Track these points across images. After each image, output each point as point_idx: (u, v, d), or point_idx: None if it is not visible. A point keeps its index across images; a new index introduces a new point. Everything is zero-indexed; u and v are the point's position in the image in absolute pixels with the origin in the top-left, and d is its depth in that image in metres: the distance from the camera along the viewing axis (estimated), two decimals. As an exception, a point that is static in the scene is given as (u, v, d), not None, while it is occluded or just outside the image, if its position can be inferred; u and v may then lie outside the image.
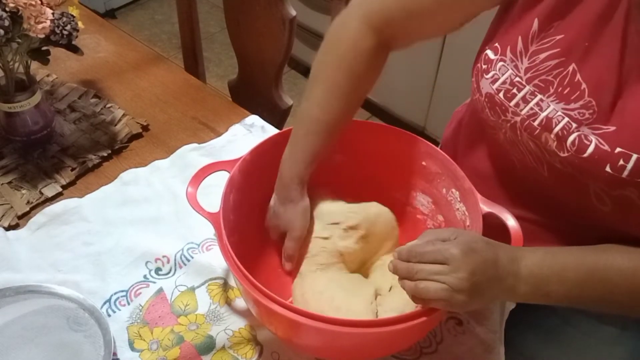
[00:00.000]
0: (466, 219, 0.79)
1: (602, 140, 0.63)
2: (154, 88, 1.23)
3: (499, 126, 0.73)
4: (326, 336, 0.68)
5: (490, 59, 0.71)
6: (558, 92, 0.65)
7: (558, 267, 0.66)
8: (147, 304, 0.85)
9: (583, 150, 0.64)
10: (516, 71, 0.68)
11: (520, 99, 0.68)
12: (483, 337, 0.82)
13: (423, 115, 2.19)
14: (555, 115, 0.65)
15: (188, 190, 0.78)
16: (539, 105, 0.66)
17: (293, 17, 1.23)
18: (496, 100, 0.70)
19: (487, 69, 0.71)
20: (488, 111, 0.73)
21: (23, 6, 0.87)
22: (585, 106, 0.64)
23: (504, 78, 0.69)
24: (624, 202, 0.64)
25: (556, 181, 0.70)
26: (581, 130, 0.64)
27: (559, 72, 0.65)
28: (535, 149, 0.69)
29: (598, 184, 0.65)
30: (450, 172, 0.81)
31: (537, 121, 0.67)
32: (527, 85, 0.67)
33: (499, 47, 0.70)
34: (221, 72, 2.65)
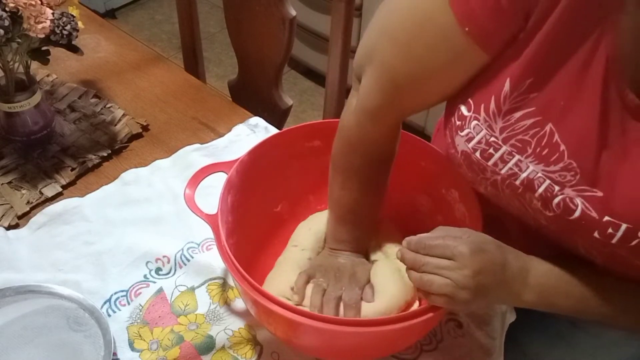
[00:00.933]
0: (466, 220, 0.79)
1: (589, 206, 0.60)
2: (154, 88, 1.23)
3: (479, 182, 0.70)
4: (325, 336, 0.68)
5: (464, 115, 0.66)
6: (536, 152, 0.62)
7: (565, 281, 0.67)
8: (147, 303, 0.85)
9: (570, 213, 0.61)
10: (491, 131, 0.64)
11: (498, 159, 0.64)
12: (482, 342, 0.82)
13: (423, 116, 2.19)
14: (536, 176, 0.62)
15: (186, 192, 0.77)
16: (518, 166, 0.63)
17: (293, 17, 1.23)
18: (473, 159, 0.67)
19: (462, 126, 0.67)
20: (465, 168, 0.70)
21: (23, 6, 0.87)
22: (566, 168, 0.61)
23: (479, 138, 0.65)
24: (614, 258, 0.63)
25: (542, 232, 0.68)
26: (565, 192, 0.61)
27: (536, 132, 0.61)
28: (519, 206, 0.67)
29: (587, 243, 0.63)
30: (449, 172, 0.81)
31: (518, 181, 0.64)
32: (504, 145, 0.64)
33: (472, 104, 0.65)
34: (221, 72, 2.65)
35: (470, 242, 0.63)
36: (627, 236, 0.59)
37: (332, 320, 0.65)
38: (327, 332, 0.65)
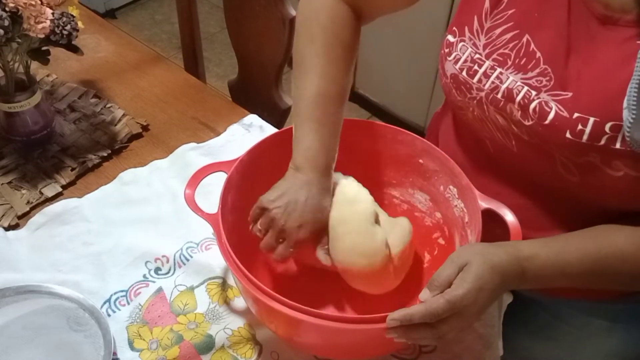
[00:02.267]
0: (464, 216, 0.79)
1: (561, 107, 0.66)
2: (154, 88, 1.23)
3: (467, 105, 0.75)
4: (326, 333, 0.69)
5: (450, 42, 0.75)
6: (515, 63, 0.69)
7: (561, 266, 0.67)
8: (146, 303, 0.85)
9: (544, 117, 0.67)
10: (475, 49, 0.72)
11: (482, 74, 0.71)
12: (481, 332, 0.82)
13: (423, 115, 2.19)
14: (515, 85, 0.69)
15: (186, 192, 0.78)
16: (499, 78, 0.70)
17: (293, 17, 1.23)
18: (460, 79, 0.73)
19: (449, 52, 0.75)
20: (455, 92, 0.76)
21: (23, 6, 0.87)
22: (542, 73, 0.67)
23: (464, 57, 0.73)
24: (589, 169, 0.66)
25: (525, 155, 0.72)
26: (541, 97, 0.67)
27: (515, 45, 0.69)
28: (503, 123, 0.72)
29: (562, 152, 0.67)
30: (447, 169, 0.82)
31: (499, 93, 0.70)
32: (487, 60, 0.71)
33: (457, 29, 0.74)
34: (221, 72, 2.65)
35: (469, 289, 0.62)
36: (595, 131, 0.64)
37: (333, 318, 0.65)
38: (328, 329, 0.66)
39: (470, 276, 0.63)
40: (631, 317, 0.85)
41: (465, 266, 0.64)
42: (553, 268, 0.67)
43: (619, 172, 0.64)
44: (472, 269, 0.63)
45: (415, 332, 0.63)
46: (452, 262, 0.65)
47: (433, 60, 2.02)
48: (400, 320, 0.62)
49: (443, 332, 0.63)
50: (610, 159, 0.64)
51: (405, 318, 0.62)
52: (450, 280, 0.63)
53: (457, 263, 0.64)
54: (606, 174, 0.65)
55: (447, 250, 0.84)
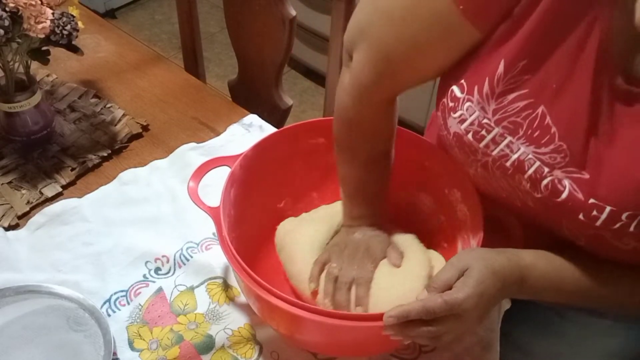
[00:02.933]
0: (467, 220, 0.79)
1: (576, 187, 0.61)
2: (154, 88, 1.23)
3: (469, 164, 0.71)
4: (328, 330, 0.69)
5: (457, 97, 0.67)
6: (528, 134, 0.63)
7: (556, 282, 0.68)
8: (146, 303, 0.85)
9: (557, 195, 0.63)
10: (484, 113, 0.65)
11: (490, 140, 0.65)
12: (482, 335, 0.82)
13: (423, 115, 2.19)
14: (526, 157, 0.63)
15: (189, 184, 0.78)
16: (510, 147, 0.64)
17: (293, 17, 1.23)
18: (465, 141, 0.68)
19: (454, 107, 0.67)
20: (457, 150, 0.71)
21: (23, 6, 0.87)
22: (557, 150, 0.62)
23: (471, 119, 0.66)
24: (597, 240, 0.64)
25: (530, 214, 0.69)
26: (554, 174, 0.62)
27: (528, 114, 0.62)
28: (508, 187, 0.68)
29: (572, 225, 0.64)
30: (452, 172, 0.81)
31: (509, 162, 0.65)
32: (496, 127, 0.64)
33: (466, 85, 0.66)
34: (221, 72, 2.65)
35: (469, 294, 0.62)
36: (610, 218, 0.60)
37: (334, 315, 0.65)
38: (330, 326, 0.66)
39: (471, 281, 0.62)
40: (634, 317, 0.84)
41: (466, 271, 0.63)
42: (549, 282, 0.67)
43: (628, 245, 0.62)
44: (473, 274, 0.63)
45: (411, 329, 0.62)
46: (452, 265, 0.65)
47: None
48: (397, 317, 0.61)
49: (440, 332, 0.62)
50: (621, 237, 0.62)
51: (401, 314, 0.61)
52: (449, 283, 0.63)
53: (458, 267, 0.64)
54: (614, 246, 0.63)
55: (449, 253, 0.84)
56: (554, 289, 0.68)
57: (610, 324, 0.85)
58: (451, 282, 0.63)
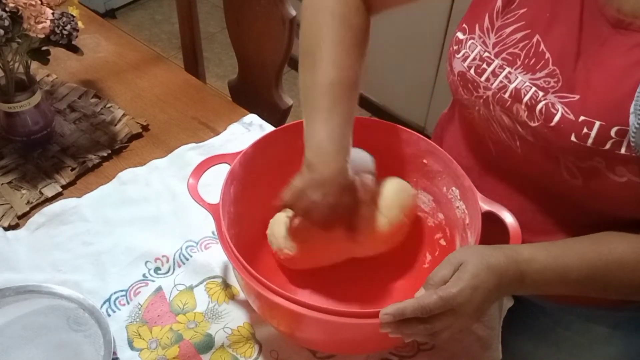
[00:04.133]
0: (466, 217, 0.79)
1: (568, 109, 0.65)
2: (154, 88, 1.23)
3: (473, 104, 0.75)
4: (327, 327, 0.69)
5: (460, 39, 0.74)
6: (525, 63, 0.69)
7: (560, 271, 0.67)
8: (145, 302, 0.85)
9: (550, 119, 0.66)
10: (485, 47, 0.71)
11: (490, 73, 0.71)
12: (480, 334, 0.82)
13: (423, 115, 2.19)
14: (523, 85, 0.68)
15: (189, 181, 0.78)
16: (508, 78, 0.69)
17: (293, 17, 1.23)
18: (468, 77, 0.73)
19: (458, 49, 0.74)
20: (461, 90, 0.75)
21: (23, 6, 0.87)
22: (550, 74, 0.67)
23: (473, 55, 0.72)
24: (592, 174, 0.66)
25: (529, 157, 0.72)
26: (548, 98, 0.67)
27: (525, 45, 0.68)
28: (508, 123, 0.71)
29: (567, 156, 0.67)
30: (450, 170, 0.82)
31: (507, 93, 0.69)
32: (496, 59, 0.70)
33: (467, 27, 0.74)
34: (221, 72, 2.65)
35: (463, 287, 0.62)
36: (601, 135, 0.63)
37: (334, 312, 0.65)
38: (329, 323, 0.66)
39: (465, 275, 0.63)
40: (632, 325, 0.84)
41: (461, 265, 0.64)
42: (552, 273, 0.67)
43: (622, 177, 0.64)
44: (467, 268, 0.63)
45: (408, 327, 0.62)
46: (449, 262, 0.65)
47: (433, 60, 2.02)
48: (392, 315, 0.62)
49: (436, 329, 0.63)
50: (614, 164, 0.64)
51: (397, 312, 0.61)
52: (445, 280, 0.63)
53: (454, 263, 0.64)
54: (610, 180, 0.65)
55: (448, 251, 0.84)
56: (558, 279, 0.67)
57: (608, 331, 0.85)
58: (447, 278, 0.63)
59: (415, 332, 0.63)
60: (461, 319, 0.63)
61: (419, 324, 0.62)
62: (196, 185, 0.78)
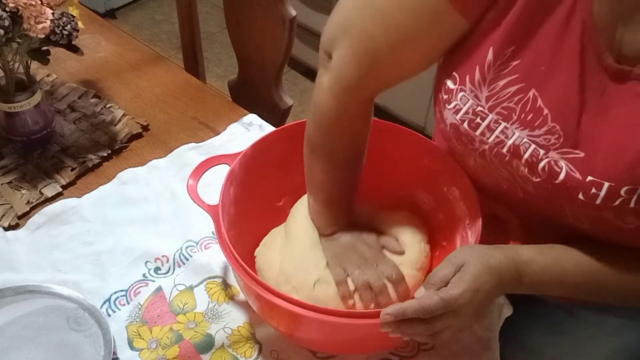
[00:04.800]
0: (466, 218, 0.79)
1: (573, 167, 0.62)
2: (154, 88, 1.23)
3: (468, 154, 0.72)
4: (327, 328, 0.69)
5: (450, 88, 0.68)
6: (521, 118, 0.64)
7: (558, 274, 0.67)
8: (145, 302, 0.85)
9: (555, 177, 0.63)
10: (477, 100, 0.66)
11: (485, 127, 0.66)
12: (480, 335, 0.82)
13: (423, 115, 2.19)
14: (521, 142, 0.65)
15: (189, 182, 0.78)
16: (504, 133, 0.65)
17: (293, 17, 1.23)
18: (461, 130, 0.69)
19: (449, 99, 0.69)
20: (455, 141, 0.71)
21: (23, 6, 0.87)
22: (550, 132, 0.63)
23: (466, 108, 0.67)
24: (601, 221, 0.64)
25: (531, 203, 0.70)
26: (550, 156, 0.63)
27: (520, 99, 0.64)
28: (507, 175, 0.69)
29: (573, 208, 0.65)
30: (451, 170, 0.82)
31: (504, 148, 0.66)
32: (490, 113, 0.66)
33: (457, 76, 0.67)
34: (221, 72, 2.65)
35: (464, 289, 0.62)
36: (610, 195, 0.60)
37: (333, 313, 0.65)
38: (329, 324, 0.66)
39: (467, 276, 0.62)
40: None
41: (462, 266, 0.64)
42: (550, 275, 0.67)
43: (630, 225, 0.63)
44: (469, 269, 0.63)
45: (409, 327, 0.62)
46: (449, 262, 0.65)
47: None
48: (393, 315, 0.62)
49: (437, 329, 0.63)
50: (623, 215, 0.62)
51: (398, 312, 0.61)
52: (446, 280, 0.63)
53: (454, 263, 0.64)
54: (618, 227, 0.63)
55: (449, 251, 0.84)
56: (556, 282, 0.67)
57: (622, 322, 0.85)
58: (448, 279, 0.63)
59: (415, 332, 0.63)
60: (461, 319, 0.63)
61: (419, 324, 0.62)
62: (196, 187, 0.78)
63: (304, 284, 0.77)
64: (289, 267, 0.78)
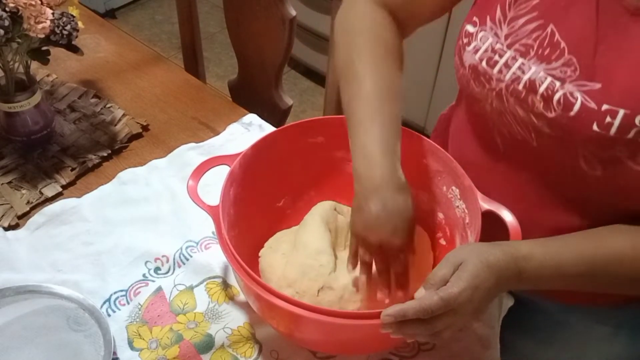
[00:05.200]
0: (465, 217, 0.79)
1: (588, 98, 0.64)
2: (154, 88, 1.23)
3: (485, 97, 0.73)
4: (327, 329, 0.69)
5: (470, 32, 0.73)
6: (538, 53, 0.67)
7: (557, 266, 0.67)
8: (145, 302, 0.85)
9: (570, 108, 0.65)
10: (497, 38, 0.70)
11: (503, 64, 0.69)
12: (480, 333, 0.82)
13: (423, 115, 2.19)
14: (538, 76, 0.67)
15: (189, 183, 0.78)
16: (521, 69, 0.68)
17: (293, 17, 1.23)
18: (479, 69, 0.72)
19: (469, 42, 0.73)
20: (473, 82, 0.74)
21: (23, 6, 0.87)
22: (567, 64, 0.65)
23: (485, 47, 0.71)
24: (612, 163, 0.65)
25: (545, 150, 0.70)
26: (566, 88, 0.65)
27: (538, 35, 0.67)
28: (523, 115, 0.70)
29: (587, 146, 0.65)
30: (450, 169, 0.82)
31: (521, 85, 0.68)
32: (508, 50, 0.69)
33: (478, 19, 0.73)
34: (221, 72, 2.65)
35: (465, 287, 0.62)
36: (624, 124, 0.62)
37: (334, 313, 0.65)
38: (329, 324, 0.66)
39: (465, 274, 0.63)
40: (636, 324, 0.84)
41: (460, 265, 0.64)
42: (550, 268, 0.67)
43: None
44: (468, 268, 0.63)
45: (409, 327, 0.62)
46: (448, 261, 0.65)
47: (433, 60, 2.02)
48: (394, 316, 0.62)
49: (437, 329, 0.63)
50: (636, 153, 0.63)
51: (399, 314, 0.61)
52: (445, 279, 0.63)
53: (453, 262, 0.64)
54: (629, 169, 0.64)
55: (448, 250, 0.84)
56: (555, 275, 0.67)
57: (612, 331, 0.85)
58: (447, 278, 0.63)
59: (416, 332, 0.63)
60: (461, 318, 0.63)
61: (420, 324, 0.62)
62: (196, 188, 0.78)
63: (307, 290, 0.77)
64: (292, 272, 0.78)
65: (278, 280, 0.79)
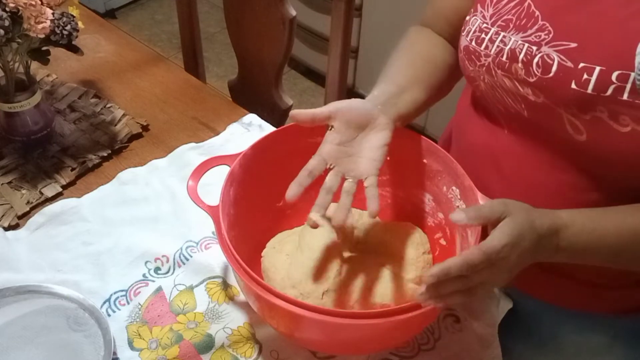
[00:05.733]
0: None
1: (565, 57, 0.67)
2: (154, 88, 1.23)
3: (478, 74, 0.78)
4: (327, 329, 0.69)
5: (467, 20, 0.80)
6: (516, 25, 0.72)
7: (597, 235, 0.67)
8: (146, 302, 0.85)
9: (548, 70, 0.68)
10: (483, 19, 0.76)
11: (488, 40, 0.75)
12: (480, 332, 0.82)
13: (423, 115, 2.19)
14: (517, 45, 0.72)
15: (189, 183, 0.78)
16: (503, 42, 0.73)
17: (293, 17, 1.23)
18: (470, 49, 0.78)
19: (464, 28, 0.80)
20: (467, 63, 0.79)
21: (23, 6, 0.87)
22: (540, 29, 0.70)
23: (474, 28, 0.77)
24: (596, 125, 0.66)
25: (535, 118, 0.73)
26: (542, 50, 0.69)
27: (517, 10, 0.73)
28: (510, 85, 0.74)
29: (569, 108, 0.67)
30: (451, 169, 0.82)
31: (504, 56, 0.73)
32: (492, 27, 0.75)
33: (473, 8, 0.79)
34: (221, 72, 2.65)
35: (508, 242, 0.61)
36: (601, 80, 0.64)
37: (334, 313, 0.65)
38: (329, 325, 0.66)
39: (509, 229, 0.62)
40: (632, 335, 0.84)
41: (505, 218, 0.63)
42: (588, 236, 0.66)
43: (626, 127, 0.64)
44: (513, 224, 0.63)
45: (450, 285, 0.61)
46: (493, 208, 0.64)
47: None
48: (437, 275, 0.60)
49: (474, 283, 0.62)
50: (617, 113, 0.63)
51: (442, 272, 0.60)
52: (487, 216, 0.64)
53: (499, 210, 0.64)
54: (613, 131, 0.64)
55: (448, 250, 0.85)
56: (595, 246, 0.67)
57: (608, 341, 0.85)
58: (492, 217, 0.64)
59: (454, 289, 0.62)
60: (497, 275, 0.63)
61: (458, 280, 0.61)
62: (196, 188, 0.78)
63: (312, 292, 0.77)
64: (297, 274, 0.78)
65: (282, 280, 0.79)
